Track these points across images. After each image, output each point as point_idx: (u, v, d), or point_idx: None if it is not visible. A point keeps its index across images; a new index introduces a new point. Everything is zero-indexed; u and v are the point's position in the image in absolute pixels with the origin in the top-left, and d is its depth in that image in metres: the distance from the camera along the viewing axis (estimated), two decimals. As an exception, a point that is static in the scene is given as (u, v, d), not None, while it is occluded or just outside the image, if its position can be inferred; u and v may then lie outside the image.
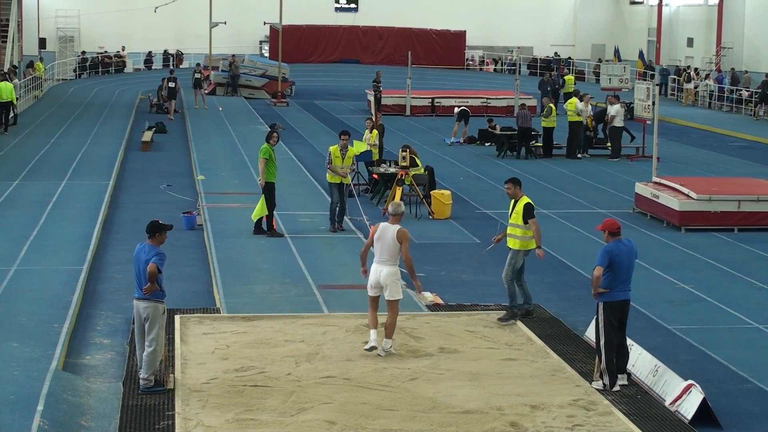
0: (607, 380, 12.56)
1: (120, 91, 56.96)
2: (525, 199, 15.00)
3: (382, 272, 13.57)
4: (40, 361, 12.97)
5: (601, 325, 12.60)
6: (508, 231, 15.06)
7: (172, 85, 45.41)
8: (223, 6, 64.71)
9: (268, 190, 20.89)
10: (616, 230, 12.82)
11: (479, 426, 11.32)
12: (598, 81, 50.34)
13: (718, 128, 46.06)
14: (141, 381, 12.32)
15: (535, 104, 44.79)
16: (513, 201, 15.09)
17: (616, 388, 12.49)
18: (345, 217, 22.00)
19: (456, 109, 40.18)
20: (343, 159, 21.40)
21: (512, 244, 15.01)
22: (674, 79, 61.05)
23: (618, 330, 12.65)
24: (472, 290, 17.44)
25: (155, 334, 12.31)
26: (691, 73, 59.18)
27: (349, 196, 21.70)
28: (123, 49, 69.20)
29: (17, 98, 40.67)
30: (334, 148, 21.53)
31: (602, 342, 12.57)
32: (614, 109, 34.51)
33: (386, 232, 13.65)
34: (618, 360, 12.65)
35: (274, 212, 21.22)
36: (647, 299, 17.13)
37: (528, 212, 14.82)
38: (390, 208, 13.95)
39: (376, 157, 27.05)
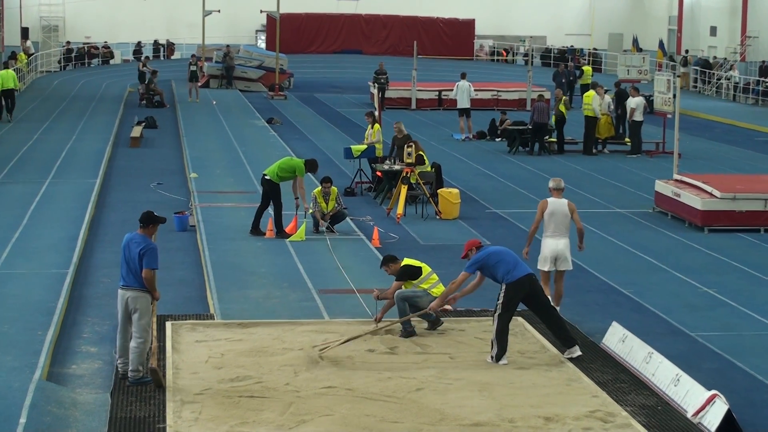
0: (495, 351, 13.75)
1: (107, 84, 57.02)
2: (403, 262, 15.20)
3: (559, 244, 15.76)
4: (23, 371, 12.97)
5: (500, 301, 13.89)
6: None
7: (145, 70, 48.10)
8: (218, -7, 64.76)
9: (275, 192, 20.98)
10: (480, 245, 14.49)
11: (489, 439, 11.32)
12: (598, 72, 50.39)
13: (744, 122, 46.04)
14: (129, 374, 12.65)
15: (550, 97, 44.80)
16: None
17: (504, 362, 13.66)
18: (347, 219, 22.04)
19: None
20: (327, 203, 21.47)
21: None
22: (696, 70, 61.12)
23: (542, 307, 14.08)
24: (482, 295, 17.39)
25: (145, 323, 12.62)
26: (688, 57, 62.02)
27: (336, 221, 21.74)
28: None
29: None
30: (317, 192, 21.54)
31: (497, 314, 13.87)
32: (634, 102, 34.49)
33: (557, 206, 15.64)
34: (559, 333, 14.02)
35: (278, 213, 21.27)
36: (668, 304, 17.13)
37: (399, 274, 15.02)
38: (552, 184, 15.83)
39: (379, 153, 27.07)
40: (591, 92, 35.54)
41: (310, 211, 21.29)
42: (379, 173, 26.18)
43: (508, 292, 13.89)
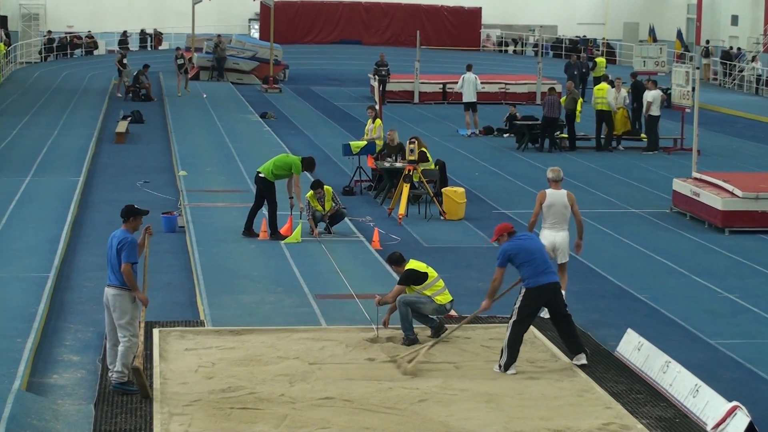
0: (504, 360, 13.75)
1: (91, 76, 57.03)
2: (408, 264, 15.17)
3: (557, 237, 16.22)
4: (1, 381, 12.97)
5: (517, 305, 13.93)
6: None
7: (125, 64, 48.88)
8: (208, -20, 64.79)
9: (269, 191, 20.98)
10: (512, 231, 14.35)
11: (497, 453, 11.34)
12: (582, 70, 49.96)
13: (767, 117, 46.01)
14: (114, 374, 12.77)
15: (560, 90, 44.77)
16: None
17: (512, 371, 13.67)
18: (346, 219, 22.05)
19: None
20: (323, 205, 21.45)
21: None
22: (716, 61, 61.11)
23: (558, 316, 14.09)
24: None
25: (126, 323, 12.80)
26: (710, 48, 62.43)
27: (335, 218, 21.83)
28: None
29: None
30: (310, 195, 21.51)
31: (512, 320, 13.89)
32: (651, 96, 34.46)
33: (556, 198, 16.12)
34: (570, 343, 14.07)
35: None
36: (686, 310, 17.13)
37: (401, 279, 15.07)
38: (551, 174, 16.34)
39: (379, 149, 27.05)
40: (604, 85, 35.46)
41: (304, 212, 21.27)
42: (371, 162, 26.06)
43: (527, 297, 13.90)
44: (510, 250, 14.01)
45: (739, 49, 61.57)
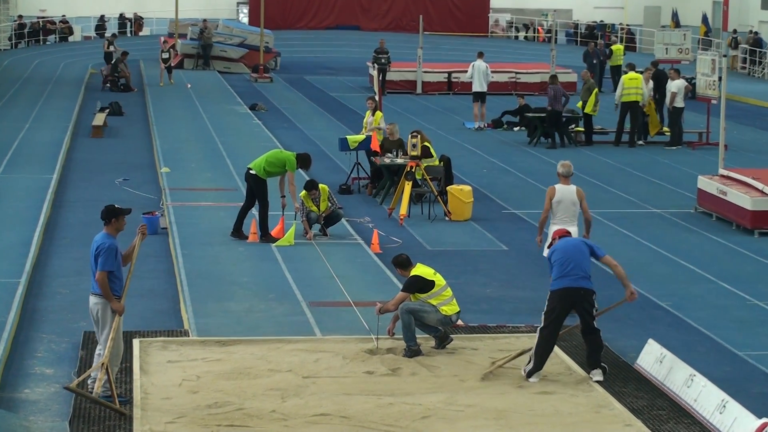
0: (529, 367, 13.99)
1: (65, 64, 57.04)
2: (415, 269, 15.20)
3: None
4: (-31, 396, 13.00)
5: (544, 310, 14.24)
6: None
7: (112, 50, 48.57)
8: (193, -40, 64.88)
9: (260, 189, 20.94)
10: (564, 234, 14.92)
11: (506, 475, 11.34)
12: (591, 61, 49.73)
13: (800, 109, 46.11)
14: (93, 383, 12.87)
15: (575, 80, 44.83)
16: None
17: (534, 379, 13.93)
18: (342, 219, 22.05)
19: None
20: (318, 206, 21.42)
21: None
22: (745, 49, 61.13)
23: (587, 328, 14.10)
24: (499, 308, 17.43)
25: (105, 335, 12.88)
26: (738, 37, 62.35)
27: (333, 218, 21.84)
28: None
29: None
30: (303, 195, 21.47)
31: (539, 327, 14.19)
32: (675, 86, 34.39)
33: (565, 193, 16.75)
34: (590, 356, 14.14)
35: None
36: (712, 318, 17.13)
37: (406, 285, 15.14)
38: (561, 169, 16.92)
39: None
40: (637, 75, 35.05)
41: (298, 213, 21.25)
42: (374, 146, 25.91)
43: (550, 300, 14.14)
44: (549, 252, 14.52)
45: (756, 33, 61.47)
